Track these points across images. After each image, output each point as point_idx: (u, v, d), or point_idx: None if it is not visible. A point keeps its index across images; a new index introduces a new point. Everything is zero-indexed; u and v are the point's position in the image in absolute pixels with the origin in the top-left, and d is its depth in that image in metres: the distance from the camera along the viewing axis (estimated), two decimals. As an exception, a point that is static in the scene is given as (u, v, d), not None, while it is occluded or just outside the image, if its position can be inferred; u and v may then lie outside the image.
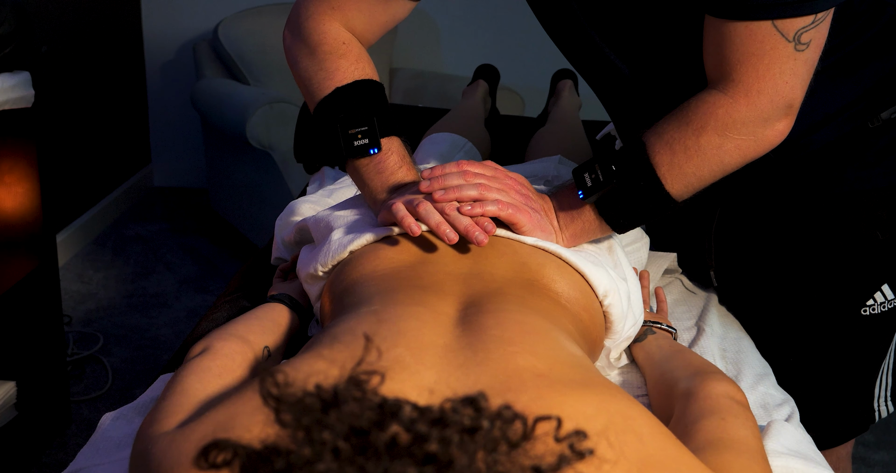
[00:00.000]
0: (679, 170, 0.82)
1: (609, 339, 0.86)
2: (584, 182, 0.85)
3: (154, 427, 0.63)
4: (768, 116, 0.79)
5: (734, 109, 0.79)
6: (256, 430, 0.54)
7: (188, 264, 2.58)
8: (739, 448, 0.67)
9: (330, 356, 0.61)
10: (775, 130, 0.81)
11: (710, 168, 0.82)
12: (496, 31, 2.99)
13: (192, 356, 0.75)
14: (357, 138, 0.89)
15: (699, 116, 0.81)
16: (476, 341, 0.64)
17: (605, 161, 0.84)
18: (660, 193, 0.82)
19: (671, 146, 0.82)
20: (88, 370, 1.99)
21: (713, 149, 0.81)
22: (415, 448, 0.42)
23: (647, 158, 0.82)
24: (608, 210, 0.85)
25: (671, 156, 0.82)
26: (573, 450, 0.45)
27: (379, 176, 0.90)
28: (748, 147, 0.81)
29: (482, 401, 0.45)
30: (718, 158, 0.81)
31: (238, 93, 2.39)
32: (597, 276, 0.83)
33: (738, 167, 0.83)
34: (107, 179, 2.86)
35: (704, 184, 0.84)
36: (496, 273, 0.78)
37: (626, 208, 0.85)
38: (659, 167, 0.82)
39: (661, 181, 0.82)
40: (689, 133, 0.81)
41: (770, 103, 0.78)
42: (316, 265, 0.87)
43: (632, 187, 0.83)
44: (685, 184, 0.83)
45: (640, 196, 0.83)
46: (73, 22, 2.57)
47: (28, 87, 1.49)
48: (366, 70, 0.92)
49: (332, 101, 0.90)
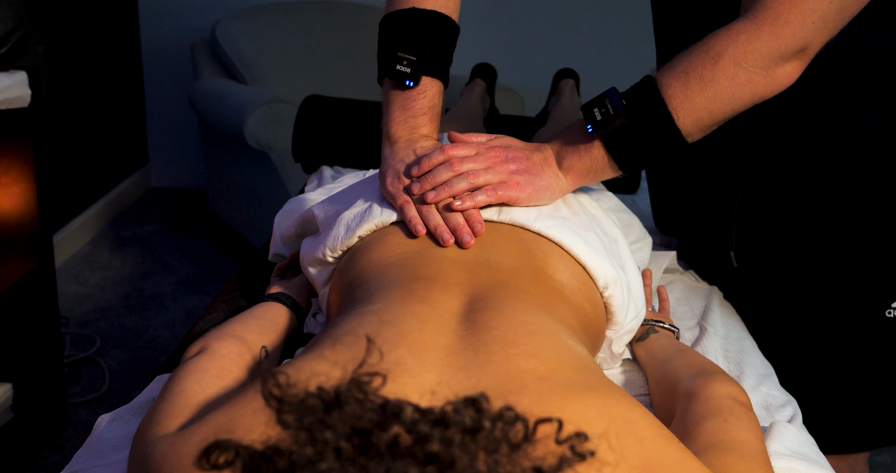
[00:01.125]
0: (691, 102, 0.82)
1: (610, 330, 0.86)
2: (594, 116, 0.84)
3: (153, 429, 0.63)
4: (785, 51, 0.80)
5: (756, 36, 0.80)
6: (258, 431, 0.53)
7: (186, 265, 2.58)
8: (742, 450, 0.66)
9: (332, 358, 0.61)
10: (786, 71, 0.81)
11: (721, 102, 0.82)
12: (495, 31, 2.99)
13: (189, 356, 0.75)
14: (402, 64, 0.88)
15: (719, 41, 0.81)
16: (478, 342, 0.63)
17: (616, 95, 0.84)
18: (670, 127, 0.82)
19: (686, 75, 0.82)
20: (85, 371, 1.98)
21: (727, 79, 0.81)
22: (416, 449, 0.42)
23: (659, 91, 0.82)
24: (617, 147, 0.85)
25: (685, 87, 0.82)
26: (574, 452, 0.45)
27: (402, 111, 0.90)
28: (759, 83, 0.81)
29: (483, 402, 0.45)
30: (730, 91, 0.81)
31: (236, 93, 2.39)
32: (598, 266, 0.83)
33: (748, 106, 0.83)
34: (104, 179, 2.85)
35: (715, 121, 0.83)
36: (502, 262, 0.78)
37: (635, 145, 0.84)
38: (671, 100, 0.82)
39: (672, 115, 0.82)
40: (707, 60, 0.81)
41: (792, 37, 0.79)
42: (325, 250, 0.87)
43: (642, 120, 0.83)
44: (695, 119, 0.82)
45: (650, 131, 0.83)
46: (70, 21, 2.56)
47: (25, 86, 1.49)
48: (449, 5, 0.91)
49: (403, 17, 0.89)
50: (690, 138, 0.84)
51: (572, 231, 0.85)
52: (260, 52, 2.55)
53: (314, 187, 1.49)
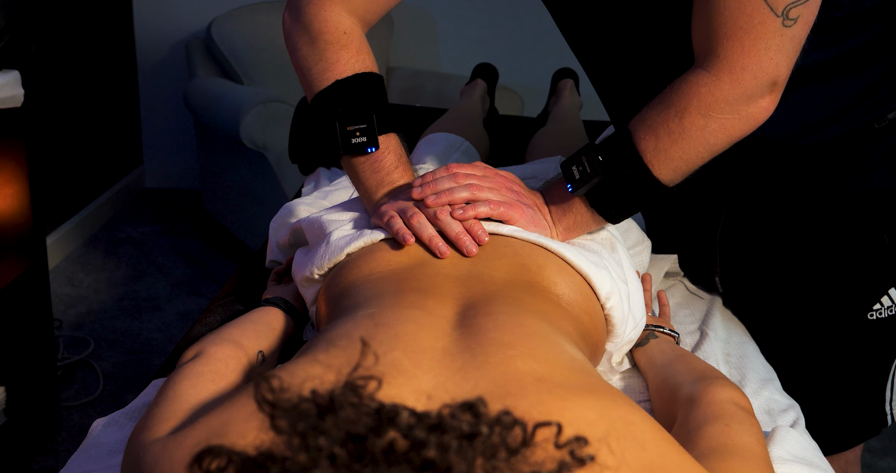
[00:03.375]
0: (665, 155, 0.81)
1: (610, 342, 0.85)
2: (573, 175, 0.85)
3: (146, 433, 0.62)
4: (752, 93, 0.79)
5: (717, 87, 0.79)
6: (251, 436, 0.53)
7: (181, 266, 2.57)
8: (744, 455, 0.66)
9: (326, 361, 0.60)
10: (759, 107, 0.80)
11: (696, 150, 0.81)
12: (495, 30, 2.99)
13: (184, 360, 0.74)
14: (355, 136, 0.88)
15: (681, 97, 0.80)
16: (475, 344, 0.63)
17: (592, 152, 0.84)
18: (648, 179, 0.82)
19: (655, 131, 0.81)
20: (79, 375, 1.97)
21: (697, 130, 0.80)
22: (412, 455, 0.41)
23: (633, 145, 0.82)
24: (599, 201, 0.86)
25: (655, 141, 0.81)
26: (573, 457, 0.44)
27: (375, 175, 0.90)
28: (733, 126, 0.80)
29: (481, 407, 0.45)
30: (703, 140, 0.81)
31: (231, 92, 2.38)
32: (599, 278, 0.82)
33: (726, 147, 0.82)
34: (98, 180, 2.84)
35: (694, 166, 0.83)
36: (495, 275, 0.77)
37: (617, 198, 0.84)
38: (644, 154, 0.81)
39: (649, 167, 0.82)
40: (672, 115, 0.80)
41: (754, 80, 0.78)
42: (312, 268, 0.86)
43: (619, 176, 0.83)
44: (673, 168, 0.82)
45: (629, 185, 0.83)
46: (64, 20, 2.55)
47: (17, 86, 1.48)
48: (366, 62, 0.91)
49: (331, 94, 0.89)
50: (671, 184, 0.84)
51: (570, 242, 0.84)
52: (256, 51, 2.54)
53: (311, 188, 1.48)
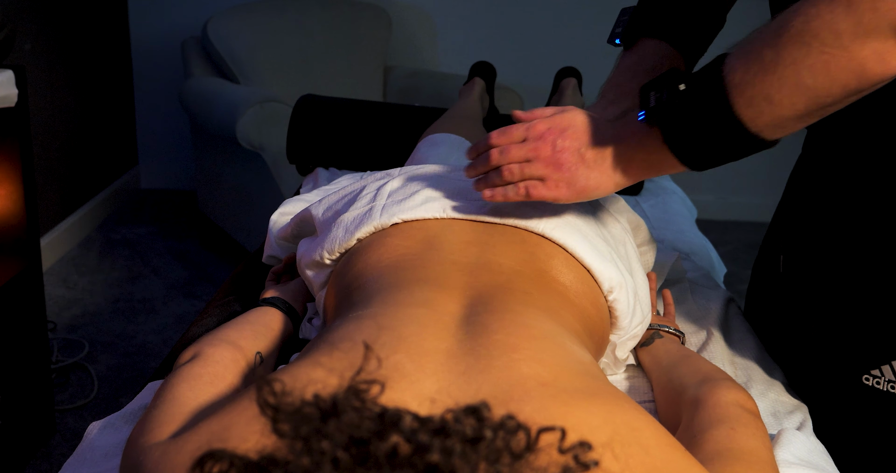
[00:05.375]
0: (749, 87, 0.68)
1: (614, 334, 0.85)
2: (648, 101, 0.75)
3: (145, 437, 0.62)
4: (868, 28, 0.63)
5: (828, 9, 0.64)
6: (253, 440, 0.53)
7: (176, 268, 2.55)
8: (750, 459, 0.66)
9: (328, 365, 0.60)
10: (873, 51, 0.64)
11: (786, 88, 0.67)
12: (494, 29, 2.99)
13: (181, 362, 0.74)
14: None
15: (786, 17, 0.67)
16: (479, 346, 0.62)
17: (676, 77, 0.73)
18: (727, 114, 0.70)
19: (746, 57, 0.69)
20: (73, 377, 1.96)
21: (791, 63, 0.66)
22: (416, 459, 0.41)
23: (720, 71, 0.70)
24: (674, 137, 0.74)
25: (744, 69, 0.69)
26: (577, 462, 0.44)
27: None
28: (837, 67, 0.65)
29: (485, 411, 0.44)
30: (796, 75, 0.66)
31: (228, 92, 2.37)
32: (603, 270, 0.81)
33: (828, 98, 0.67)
34: (92, 180, 2.82)
35: (781, 113, 0.68)
36: (504, 263, 0.77)
37: (692, 134, 0.73)
38: (728, 83, 0.69)
39: (729, 98, 0.69)
40: (768, 39, 0.67)
41: (873, 12, 0.63)
42: (322, 252, 0.86)
43: (698, 105, 0.71)
44: (756, 108, 0.69)
45: (707, 119, 0.71)
46: (58, 19, 2.53)
47: (11, 85, 1.47)
48: None
49: None
50: (754, 129, 0.70)
51: (578, 233, 0.84)
52: (252, 50, 2.53)
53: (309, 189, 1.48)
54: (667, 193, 1.66)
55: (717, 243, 1.82)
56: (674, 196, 1.65)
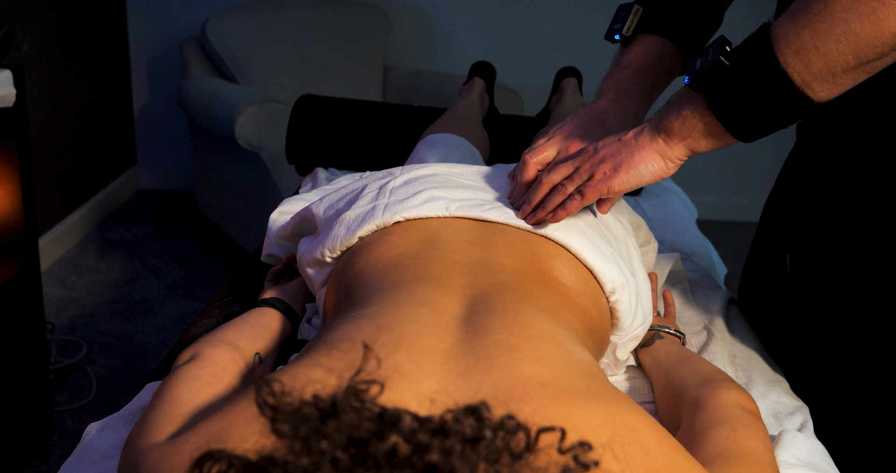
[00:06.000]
0: (796, 37, 0.68)
1: (615, 335, 0.85)
2: (694, 66, 0.74)
3: (143, 438, 0.62)
4: None
5: None
6: (252, 441, 0.53)
7: (175, 269, 2.55)
8: (750, 460, 0.66)
9: (328, 365, 0.60)
10: None
11: (835, 37, 0.66)
12: (493, 29, 2.99)
13: (180, 363, 0.74)
14: None
15: None
16: (479, 346, 0.62)
17: (722, 42, 0.73)
18: (772, 66, 0.68)
19: (793, 10, 0.69)
20: (71, 378, 1.96)
21: (840, 10, 0.66)
22: (415, 459, 0.41)
23: (767, 30, 0.70)
24: (718, 100, 0.72)
25: (792, 21, 0.68)
26: (577, 462, 0.44)
27: None
28: (885, 14, 0.65)
29: (484, 411, 0.44)
30: (845, 24, 0.66)
31: (226, 92, 2.37)
32: (606, 270, 0.81)
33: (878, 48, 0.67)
34: (91, 181, 2.82)
35: (830, 63, 0.68)
36: (505, 263, 0.77)
37: (738, 96, 0.71)
38: (776, 39, 0.69)
39: (775, 49, 0.69)
40: None
41: None
42: (323, 250, 0.86)
43: (743, 61, 0.70)
44: (805, 62, 0.68)
45: (753, 78, 0.70)
46: (57, 19, 2.53)
47: (9, 85, 1.47)
48: None
49: None
50: (803, 86, 0.69)
51: (580, 234, 0.83)
52: (251, 50, 2.53)
53: (308, 189, 1.48)
54: (667, 193, 1.65)
55: (718, 244, 1.81)
56: (674, 197, 1.65)
